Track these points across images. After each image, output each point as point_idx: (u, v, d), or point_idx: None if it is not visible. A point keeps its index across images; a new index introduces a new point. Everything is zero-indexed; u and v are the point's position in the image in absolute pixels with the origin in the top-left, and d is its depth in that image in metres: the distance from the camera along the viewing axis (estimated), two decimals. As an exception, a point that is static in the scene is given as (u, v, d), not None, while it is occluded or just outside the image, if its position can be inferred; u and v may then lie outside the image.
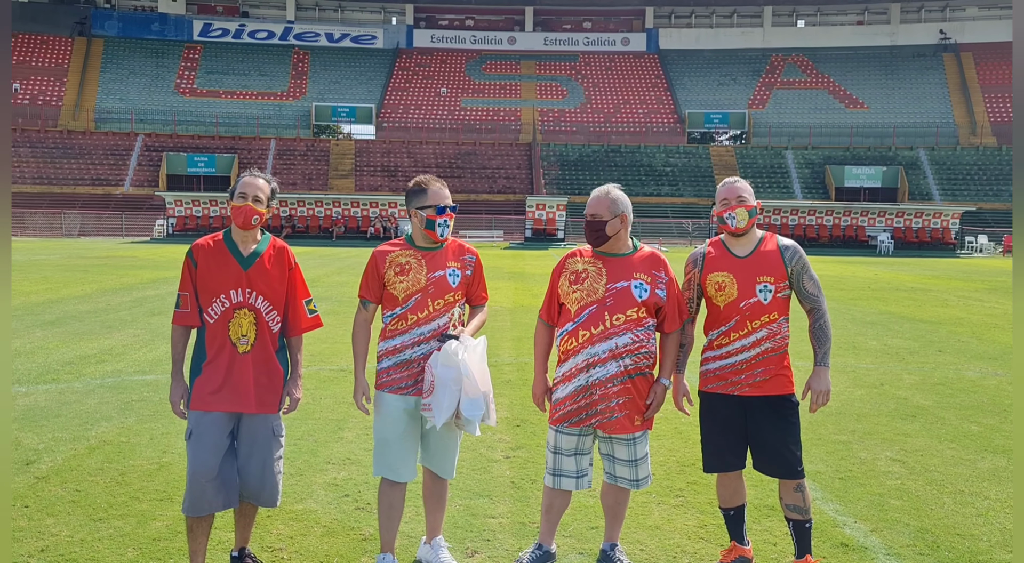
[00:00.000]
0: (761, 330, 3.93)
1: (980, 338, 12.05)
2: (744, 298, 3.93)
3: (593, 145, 61.49)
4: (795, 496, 3.97)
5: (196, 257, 3.82)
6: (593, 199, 4.00)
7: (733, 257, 4.01)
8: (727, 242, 4.07)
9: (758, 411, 3.96)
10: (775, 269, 3.95)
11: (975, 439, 6.55)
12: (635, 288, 3.91)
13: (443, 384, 3.77)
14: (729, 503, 4.14)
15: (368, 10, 75.54)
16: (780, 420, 3.95)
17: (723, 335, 3.99)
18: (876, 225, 47.98)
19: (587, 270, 3.97)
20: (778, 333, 3.96)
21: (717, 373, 4.01)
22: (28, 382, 8.02)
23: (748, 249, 4.01)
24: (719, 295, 3.98)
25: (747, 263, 3.98)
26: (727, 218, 3.98)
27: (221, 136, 60.40)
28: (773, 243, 4.03)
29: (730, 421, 4.00)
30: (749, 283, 3.94)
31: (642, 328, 3.92)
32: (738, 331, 3.94)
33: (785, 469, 3.95)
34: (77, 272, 20.90)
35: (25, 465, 5.48)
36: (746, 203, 3.96)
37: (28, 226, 47.71)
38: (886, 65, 69.92)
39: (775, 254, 3.98)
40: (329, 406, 7.28)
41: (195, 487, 3.70)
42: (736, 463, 4.04)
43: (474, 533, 4.52)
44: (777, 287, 3.94)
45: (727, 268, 3.99)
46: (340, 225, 47.84)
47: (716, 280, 3.99)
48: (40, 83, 63.22)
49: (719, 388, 4.00)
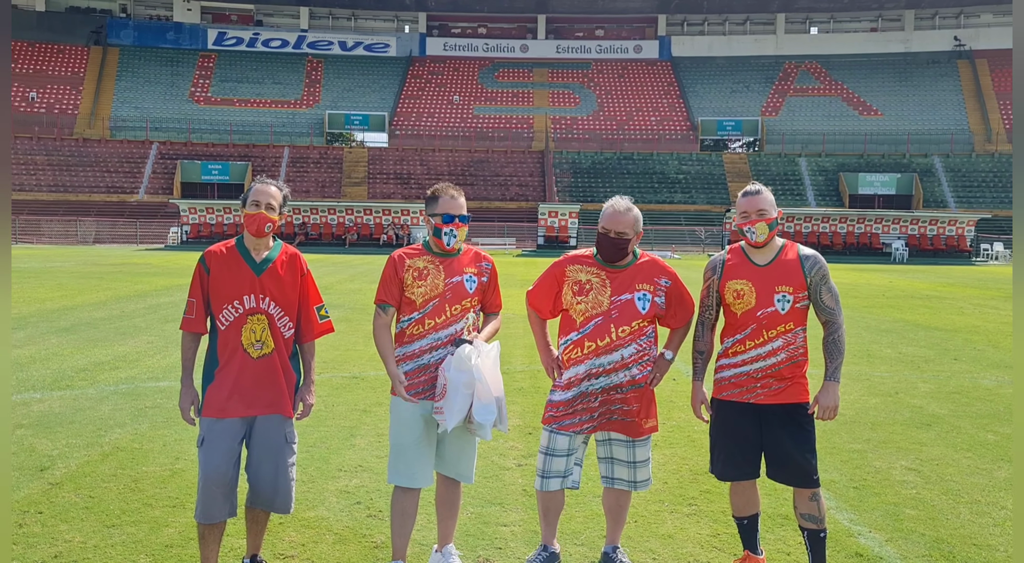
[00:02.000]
0: (777, 340, 3.91)
1: (996, 346, 11.95)
2: (761, 307, 3.91)
3: (606, 152, 61.44)
4: (810, 505, 3.95)
5: (209, 264, 3.83)
6: (615, 216, 3.96)
7: (753, 265, 3.98)
8: (747, 250, 4.04)
9: (773, 419, 3.93)
10: (794, 279, 3.92)
11: (991, 448, 6.49)
12: (638, 300, 3.94)
13: (455, 388, 3.78)
14: (743, 512, 4.11)
15: (381, 18, 75.85)
16: (796, 428, 3.92)
17: (739, 343, 3.97)
18: (890, 232, 47.71)
19: (591, 281, 3.98)
20: (794, 343, 3.93)
21: (732, 380, 3.99)
22: (43, 388, 8.06)
23: (768, 258, 3.99)
24: (737, 303, 3.96)
25: (766, 272, 3.95)
26: (747, 232, 3.96)
27: (235, 144, 60.69)
28: (794, 252, 3.99)
29: (745, 429, 3.97)
30: (767, 292, 3.91)
31: (644, 337, 3.99)
32: (754, 339, 3.92)
33: (800, 478, 3.92)
34: (92, 279, 21.03)
35: (39, 471, 5.50)
36: (766, 216, 3.92)
37: (44, 233, 48.04)
38: (900, 72, 69.61)
39: (795, 263, 3.95)
40: (342, 413, 7.28)
41: (207, 494, 3.71)
42: (751, 472, 4.01)
43: (486, 541, 4.51)
44: (795, 297, 3.91)
45: (746, 276, 3.97)
46: (353, 232, 47.97)
47: (735, 288, 3.97)
48: (56, 92, 63.74)
49: (734, 396, 3.98)
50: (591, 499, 5.03)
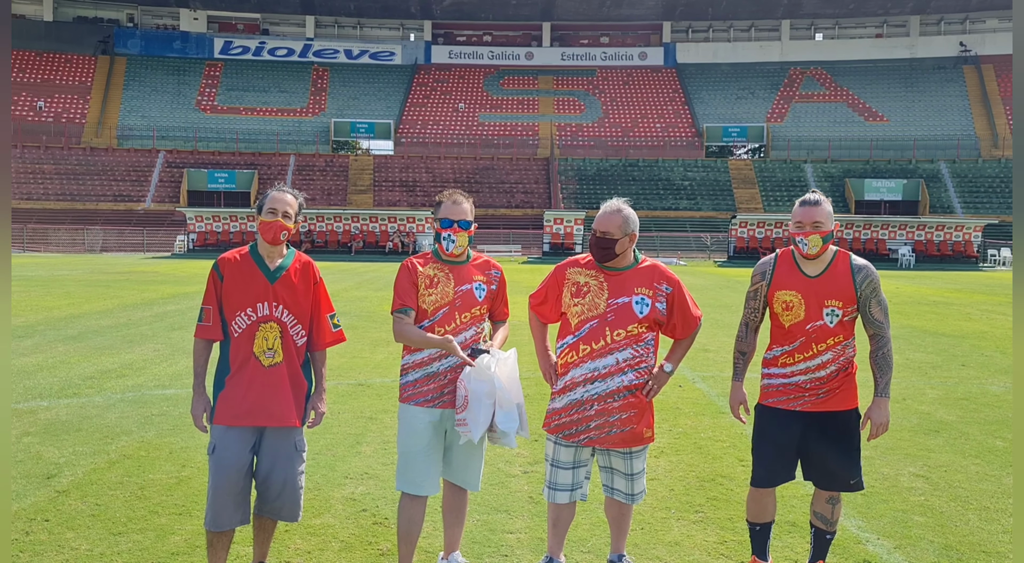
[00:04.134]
0: (827, 353, 3.87)
1: (1004, 352, 11.90)
2: (811, 320, 3.86)
3: (611, 159, 61.47)
4: (826, 507, 3.97)
5: (223, 270, 3.83)
6: (604, 216, 3.93)
7: (803, 276, 3.92)
8: (798, 259, 3.96)
9: (817, 425, 3.90)
10: (844, 292, 3.85)
11: (1000, 454, 6.46)
12: (636, 304, 3.88)
13: (477, 399, 3.78)
14: (758, 518, 4.09)
15: (386, 27, 76.10)
16: (840, 435, 3.91)
17: (788, 354, 3.92)
18: (897, 238, 47.57)
19: (589, 284, 3.95)
20: (843, 355, 3.90)
21: (779, 389, 3.95)
22: (50, 396, 8.08)
23: (819, 269, 3.91)
24: (785, 314, 3.91)
25: (817, 283, 3.88)
26: (799, 242, 3.88)
27: (241, 152, 60.91)
28: (845, 264, 3.91)
29: (787, 437, 3.92)
30: (816, 305, 3.85)
31: (641, 343, 3.90)
32: (803, 352, 3.88)
33: (838, 482, 3.93)
34: (99, 287, 21.09)
35: (46, 479, 5.51)
36: (821, 229, 3.82)
37: (51, 242, 48.24)
38: (906, 78, 69.56)
39: (846, 276, 3.88)
40: (348, 420, 7.28)
41: (218, 501, 3.71)
42: (786, 477, 3.99)
43: (492, 548, 4.50)
44: (844, 312, 3.86)
45: (796, 287, 3.90)
46: (359, 240, 48.05)
47: (784, 298, 3.91)
48: (64, 101, 64.07)
49: (780, 403, 3.94)
50: (597, 506, 5.02)
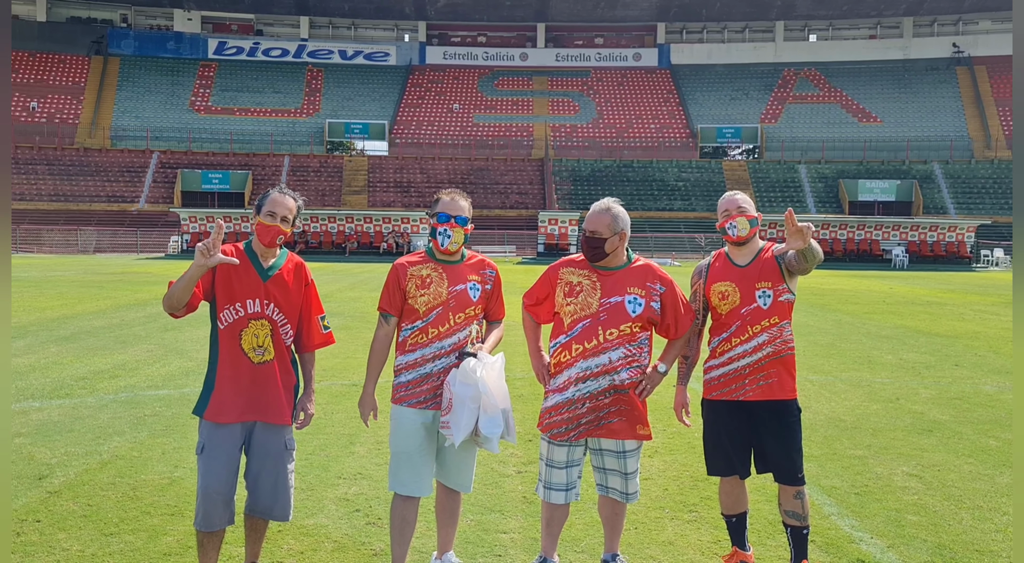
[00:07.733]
0: (762, 334, 4.01)
1: (997, 352, 11.93)
2: (745, 304, 4.03)
3: (605, 160, 61.49)
4: (795, 503, 4.05)
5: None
6: (593, 215, 3.96)
7: (735, 266, 4.11)
8: (730, 253, 4.17)
9: (761, 416, 4.02)
10: (772, 274, 4.04)
11: (993, 454, 6.47)
12: (629, 303, 3.90)
13: (461, 402, 3.76)
14: (732, 510, 4.20)
15: (381, 27, 76.04)
16: (782, 426, 4.02)
17: (724, 341, 4.07)
18: (891, 239, 47.73)
19: (582, 284, 3.96)
20: (779, 337, 4.03)
21: (721, 380, 4.08)
22: (42, 397, 8.04)
23: (749, 258, 4.11)
24: (722, 304, 4.07)
25: (747, 271, 4.08)
26: (728, 228, 4.08)
27: (235, 153, 60.78)
28: (770, 251, 4.12)
29: (735, 427, 4.07)
30: (749, 290, 4.03)
31: (635, 343, 3.92)
32: (739, 336, 4.03)
33: (785, 475, 4.02)
34: (92, 288, 21.03)
35: (37, 480, 5.48)
36: (747, 213, 4.06)
37: (45, 243, 48.06)
38: (899, 79, 69.74)
39: (772, 260, 4.07)
40: (341, 421, 7.26)
41: (208, 501, 3.69)
42: (740, 469, 4.10)
43: (485, 548, 4.49)
44: (775, 291, 4.02)
45: (729, 277, 4.09)
46: (353, 241, 48.02)
47: (719, 289, 4.09)
48: (57, 102, 63.86)
49: (724, 395, 4.07)
50: (591, 506, 5.01)
